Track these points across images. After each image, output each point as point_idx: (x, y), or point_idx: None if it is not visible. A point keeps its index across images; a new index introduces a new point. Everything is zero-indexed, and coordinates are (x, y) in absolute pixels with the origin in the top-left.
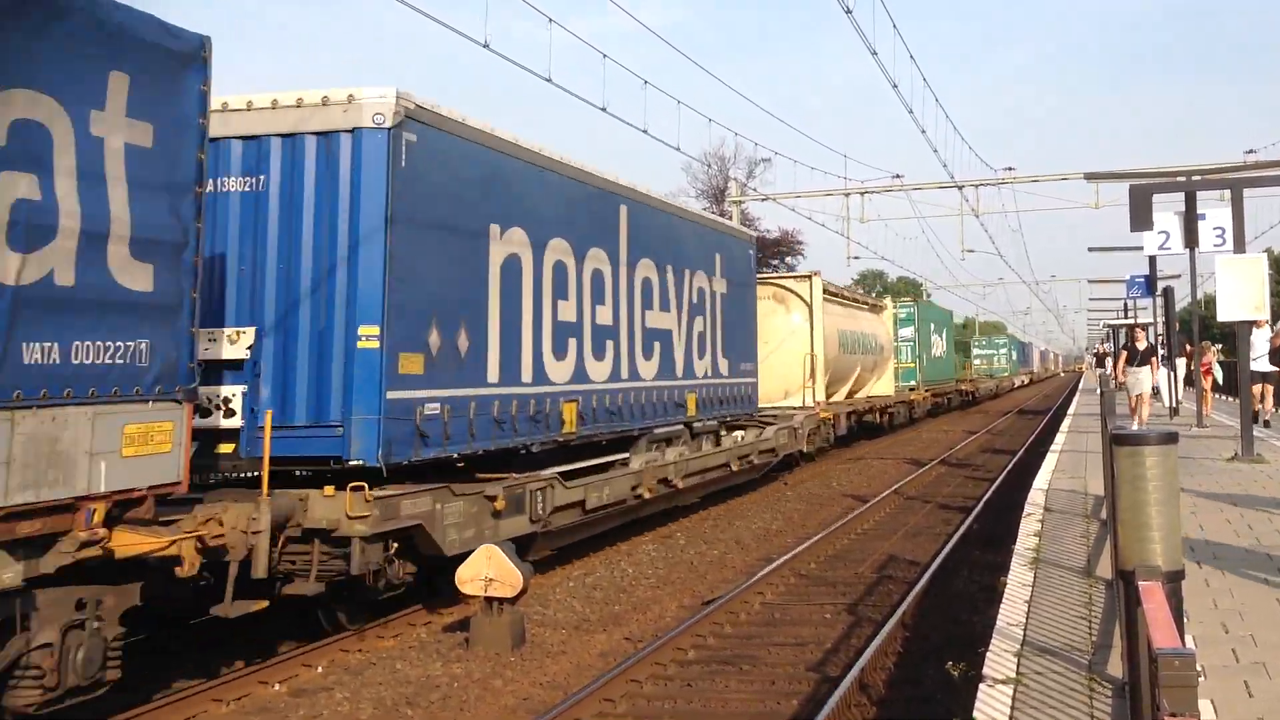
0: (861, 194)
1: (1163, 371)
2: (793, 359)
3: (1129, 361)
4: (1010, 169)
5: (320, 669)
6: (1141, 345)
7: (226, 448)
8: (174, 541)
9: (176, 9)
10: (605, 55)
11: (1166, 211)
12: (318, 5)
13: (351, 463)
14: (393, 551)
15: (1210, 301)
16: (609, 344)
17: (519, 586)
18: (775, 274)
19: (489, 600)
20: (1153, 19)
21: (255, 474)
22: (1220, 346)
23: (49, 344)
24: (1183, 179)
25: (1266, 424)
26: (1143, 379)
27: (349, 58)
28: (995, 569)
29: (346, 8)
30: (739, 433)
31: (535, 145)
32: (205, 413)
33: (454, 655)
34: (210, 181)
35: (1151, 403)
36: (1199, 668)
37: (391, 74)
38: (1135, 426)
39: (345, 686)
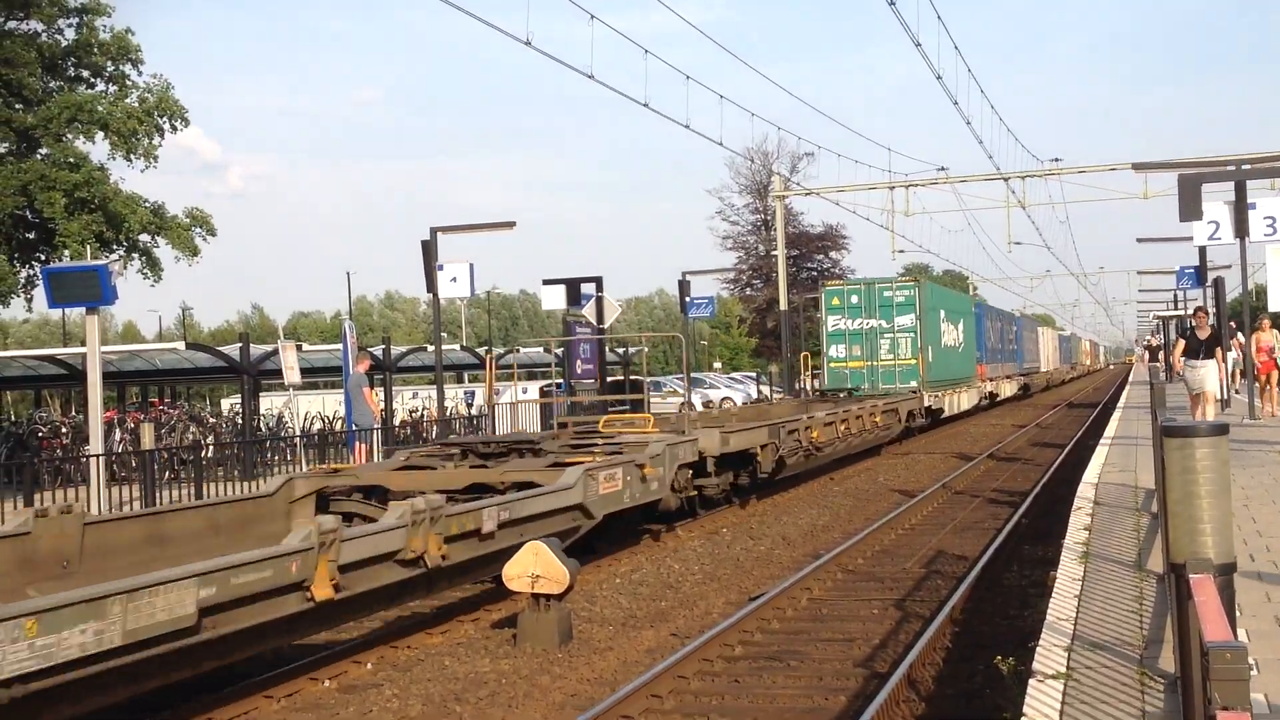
0: (906, 187)
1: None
2: None
3: (1187, 353)
4: (1057, 160)
5: (369, 666)
6: (1204, 333)
7: None
8: None
9: (232, 23)
10: (647, 51)
11: (1216, 201)
12: (358, 8)
13: None
14: None
15: (1261, 292)
16: None
17: (565, 583)
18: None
19: (536, 597)
20: (1201, 7)
21: None
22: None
23: None
24: (1232, 168)
25: None
26: (1206, 375)
27: (392, 62)
28: (1045, 564)
29: (386, 8)
30: None
31: None
32: None
33: (501, 652)
34: None
35: (1218, 404)
36: (1251, 661)
37: (434, 76)
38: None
39: (394, 683)
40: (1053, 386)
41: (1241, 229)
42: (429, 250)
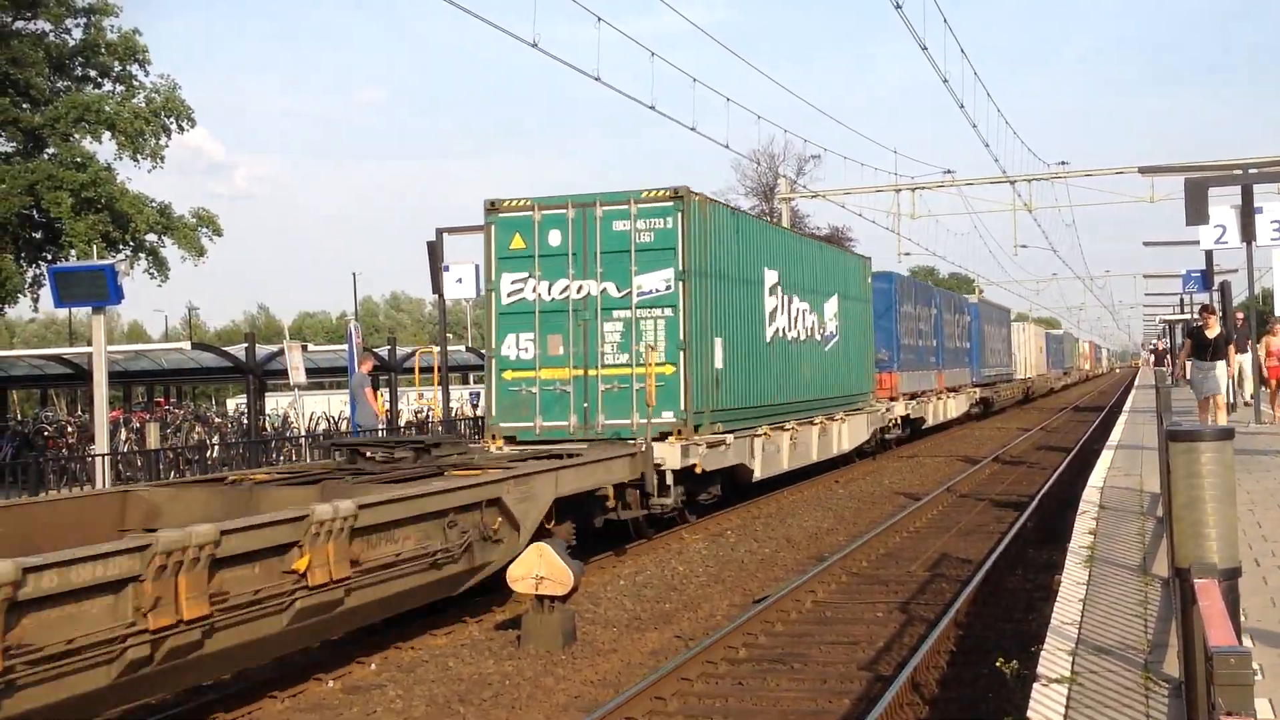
0: (912, 190)
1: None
2: None
3: (1194, 353)
4: (1064, 163)
5: (374, 666)
6: (1212, 332)
7: None
8: None
9: (241, 22)
10: (654, 54)
11: (1223, 205)
12: (361, 9)
13: None
14: None
15: (1268, 296)
16: None
17: (570, 585)
18: None
19: (540, 598)
20: (1206, 9)
21: None
22: None
23: None
24: (1239, 172)
25: None
26: (1215, 378)
27: (394, 63)
28: (1050, 567)
29: (389, 9)
30: None
31: None
32: None
33: (505, 653)
34: None
35: (1228, 410)
36: (1255, 666)
37: (437, 77)
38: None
39: (398, 684)
40: (1034, 398)
41: (1248, 233)
42: (435, 251)
